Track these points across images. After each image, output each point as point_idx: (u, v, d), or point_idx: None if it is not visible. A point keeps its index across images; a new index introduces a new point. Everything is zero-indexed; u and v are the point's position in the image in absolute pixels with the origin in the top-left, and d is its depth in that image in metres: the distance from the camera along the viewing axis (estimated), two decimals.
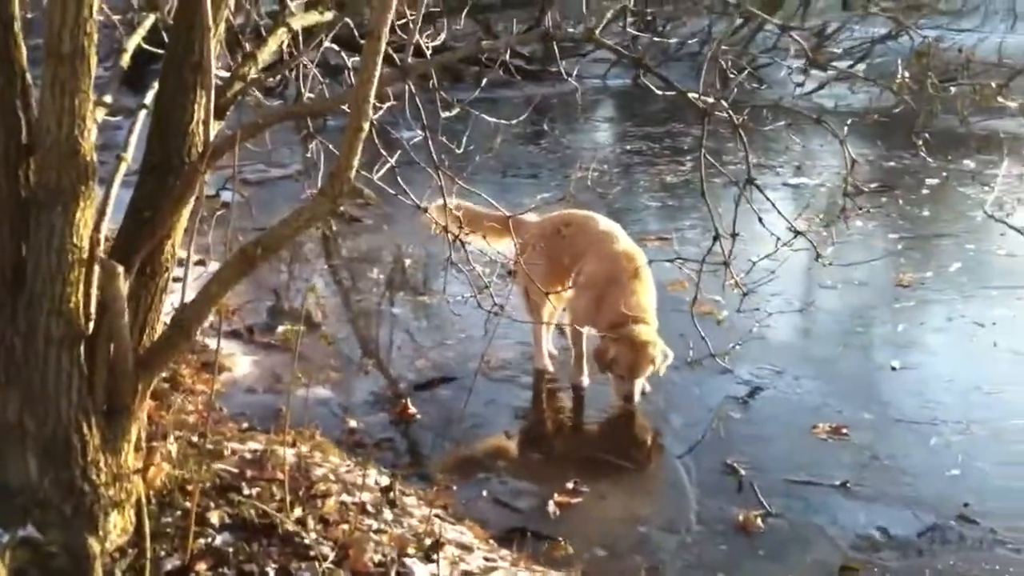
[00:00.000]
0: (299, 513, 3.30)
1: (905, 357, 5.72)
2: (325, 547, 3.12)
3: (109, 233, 2.94)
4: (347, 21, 3.72)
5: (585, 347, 5.29)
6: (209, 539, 3.10)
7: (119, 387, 2.88)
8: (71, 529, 2.78)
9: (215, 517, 3.19)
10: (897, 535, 4.04)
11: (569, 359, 5.54)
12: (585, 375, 5.35)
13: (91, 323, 2.83)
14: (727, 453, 4.64)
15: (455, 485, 4.30)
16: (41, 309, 2.74)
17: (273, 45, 3.45)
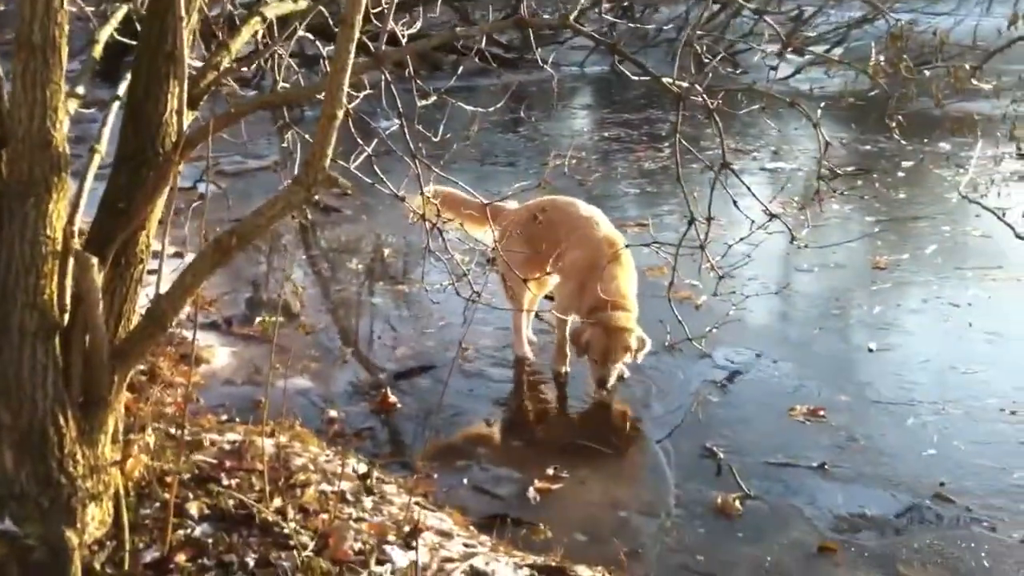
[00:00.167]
0: (278, 503, 3.30)
1: (882, 339, 5.78)
2: (305, 536, 3.13)
3: (83, 225, 2.93)
4: (321, 9, 3.71)
5: (568, 334, 5.30)
6: (188, 530, 3.10)
7: (95, 379, 2.87)
8: (49, 522, 2.76)
9: (194, 508, 3.19)
10: (874, 515, 4.08)
11: (548, 345, 5.55)
12: (567, 362, 5.36)
13: (66, 315, 2.81)
14: (706, 437, 4.67)
15: (436, 473, 4.32)
16: (15, 302, 2.72)
17: (246, 34, 3.43)
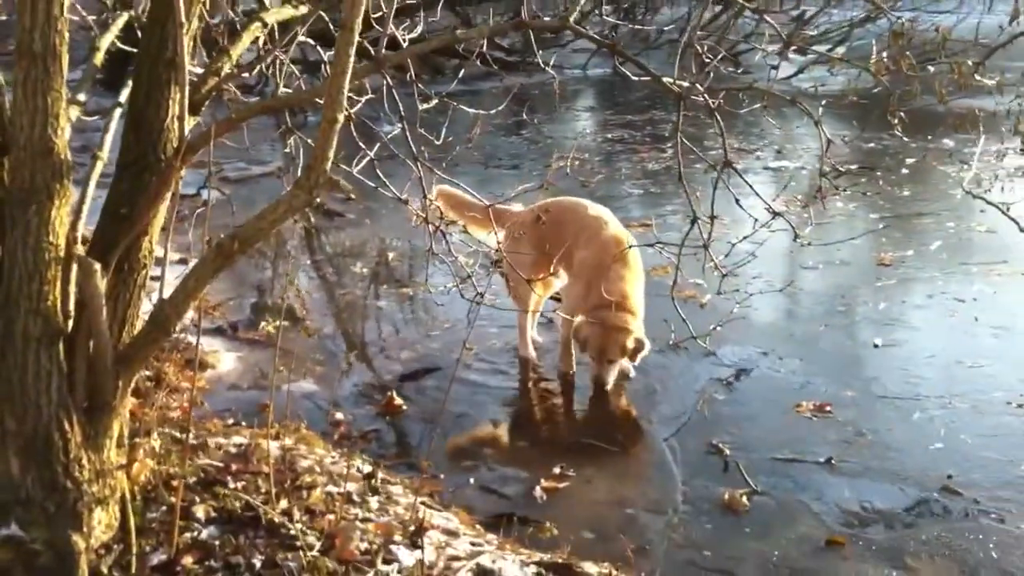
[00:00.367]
0: (284, 505, 3.31)
1: (887, 334, 5.77)
2: (311, 537, 3.13)
3: (86, 232, 2.95)
4: (322, 15, 3.72)
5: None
6: (195, 533, 3.11)
7: (99, 384, 2.88)
8: (55, 526, 2.78)
9: (200, 511, 3.20)
10: (882, 509, 4.07)
11: (553, 345, 5.56)
12: (573, 363, 5.36)
13: (70, 321, 2.83)
14: (712, 434, 4.67)
15: (442, 474, 4.33)
16: (19, 308, 2.74)
17: (247, 40, 3.45)
